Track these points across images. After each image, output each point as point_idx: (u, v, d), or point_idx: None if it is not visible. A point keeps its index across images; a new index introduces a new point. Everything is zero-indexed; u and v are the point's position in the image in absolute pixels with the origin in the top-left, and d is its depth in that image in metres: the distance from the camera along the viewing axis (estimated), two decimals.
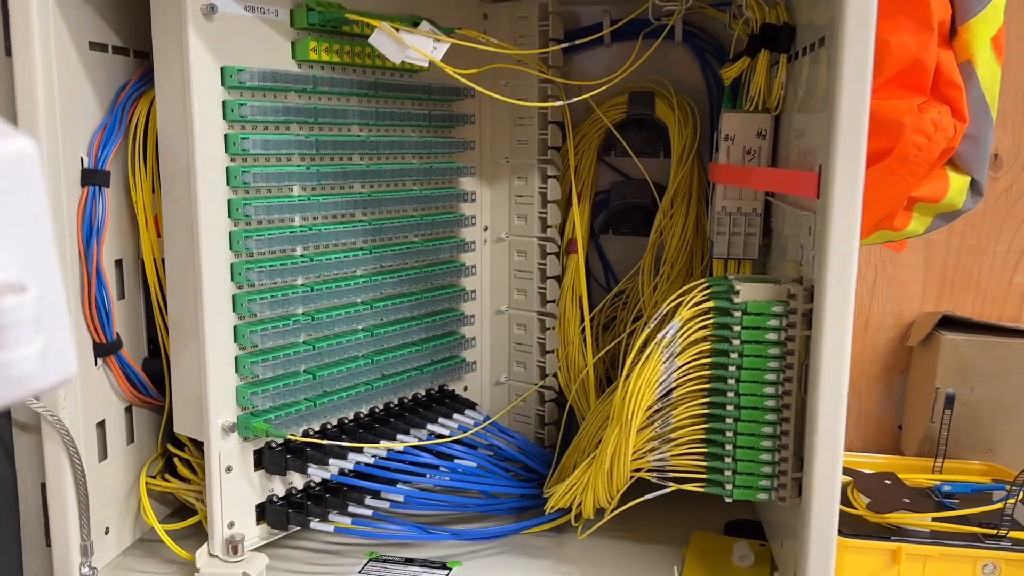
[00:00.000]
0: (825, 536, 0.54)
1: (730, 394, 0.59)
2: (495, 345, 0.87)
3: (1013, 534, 0.63)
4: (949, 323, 0.88)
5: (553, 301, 0.85)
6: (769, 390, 0.58)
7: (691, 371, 0.60)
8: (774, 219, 0.73)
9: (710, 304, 0.59)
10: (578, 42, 0.78)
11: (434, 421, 0.76)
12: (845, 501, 0.69)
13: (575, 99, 0.74)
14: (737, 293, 0.58)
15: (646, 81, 0.86)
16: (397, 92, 0.72)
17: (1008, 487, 0.64)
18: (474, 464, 0.75)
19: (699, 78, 0.87)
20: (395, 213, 0.75)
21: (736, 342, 0.58)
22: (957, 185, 0.69)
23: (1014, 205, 0.91)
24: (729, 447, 0.59)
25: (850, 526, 0.65)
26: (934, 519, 0.65)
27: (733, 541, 0.71)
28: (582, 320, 0.84)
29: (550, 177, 0.82)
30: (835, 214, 0.51)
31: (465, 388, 0.85)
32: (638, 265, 0.85)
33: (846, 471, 0.73)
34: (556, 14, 0.80)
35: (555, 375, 0.86)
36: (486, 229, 0.85)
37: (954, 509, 0.68)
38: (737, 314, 0.58)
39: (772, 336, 0.57)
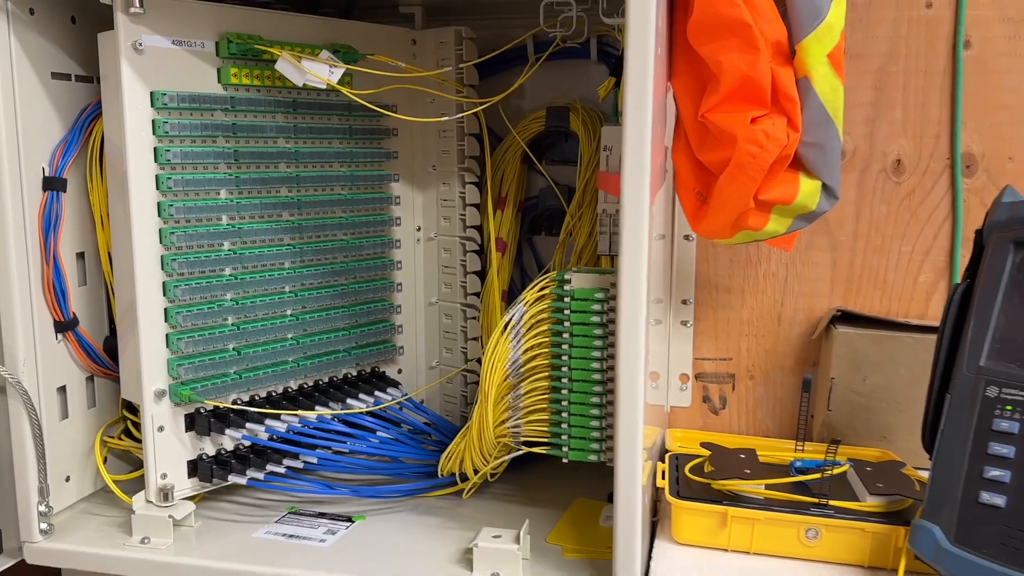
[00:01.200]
0: (629, 490, 0.62)
1: (564, 368, 0.68)
2: (428, 333, 0.98)
3: (835, 502, 0.70)
4: (848, 318, 0.94)
5: (475, 294, 0.95)
6: (595, 365, 0.67)
7: (534, 349, 0.69)
8: None
9: (548, 290, 0.68)
10: (472, 62, 0.88)
11: (355, 397, 0.87)
12: (699, 472, 0.77)
13: (466, 112, 0.84)
14: (568, 282, 0.67)
15: (561, 96, 0.95)
16: (318, 109, 0.84)
17: (824, 455, 0.71)
18: (389, 436, 0.85)
19: (612, 95, 0.96)
20: (322, 214, 0.86)
21: (567, 324, 0.67)
22: (807, 188, 0.75)
23: (917, 208, 0.96)
24: (565, 415, 0.68)
25: (692, 491, 0.73)
26: (767, 487, 0.72)
27: (605, 505, 0.79)
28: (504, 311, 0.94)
29: (469, 183, 0.93)
30: (626, 209, 0.60)
31: (399, 371, 0.96)
32: (550, 263, 0.94)
33: (709, 446, 0.81)
34: (469, 39, 0.90)
35: (478, 360, 0.95)
36: (419, 229, 0.96)
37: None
38: (567, 299, 0.67)
39: (596, 319, 0.66)
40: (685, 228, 0.97)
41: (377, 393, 0.88)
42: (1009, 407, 0.61)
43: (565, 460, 0.69)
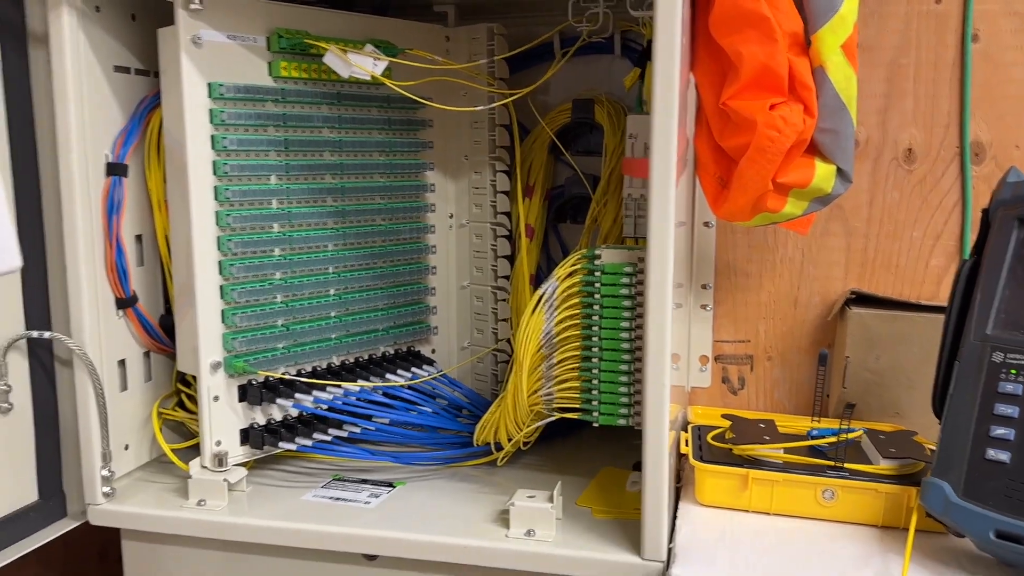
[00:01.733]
0: (657, 449, 0.67)
1: (595, 339, 0.73)
2: (460, 315, 1.03)
3: (850, 465, 0.75)
4: (862, 300, 0.99)
5: (505, 277, 1.00)
6: (624, 335, 0.72)
7: (566, 321, 0.74)
8: None
9: (579, 266, 0.73)
10: (503, 56, 0.93)
11: (393, 372, 0.92)
12: (721, 439, 0.81)
13: (498, 103, 0.89)
14: (599, 257, 0.72)
15: (587, 90, 1.00)
16: (360, 101, 0.89)
17: (839, 423, 0.75)
18: (428, 409, 0.90)
19: (637, 86, 1.01)
20: (362, 200, 0.91)
21: (597, 296, 0.72)
22: (823, 172, 0.80)
23: (928, 195, 1.00)
24: (596, 382, 0.73)
25: (714, 456, 0.77)
26: (785, 451, 0.77)
27: (632, 472, 0.84)
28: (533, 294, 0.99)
29: (499, 171, 0.98)
30: (653, 188, 0.65)
31: (433, 351, 1.01)
32: (576, 248, 0.99)
33: (731, 418, 0.85)
34: (501, 35, 0.95)
35: (508, 340, 1.00)
36: (451, 216, 1.01)
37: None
38: (598, 273, 0.71)
39: (624, 291, 0.71)
40: (705, 215, 1.02)
41: (414, 369, 0.93)
42: (1014, 371, 0.66)
43: (596, 424, 0.74)
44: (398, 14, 0.95)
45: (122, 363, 0.85)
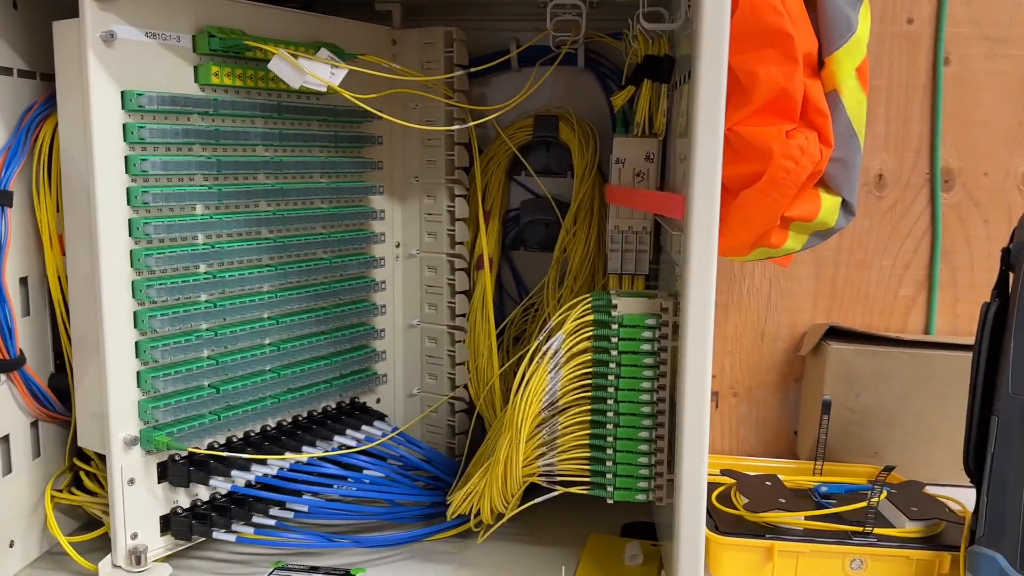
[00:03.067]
0: (693, 532, 0.58)
1: (610, 401, 0.62)
2: (408, 358, 0.90)
3: (878, 531, 0.68)
4: (837, 334, 0.93)
5: (463, 315, 0.88)
6: (645, 396, 0.62)
7: (574, 380, 0.63)
8: (663, 238, 0.77)
9: (591, 317, 0.62)
10: (473, 69, 0.82)
11: (342, 433, 0.78)
12: (727, 502, 0.73)
13: (475, 122, 0.77)
14: (615, 307, 0.61)
15: (551, 106, 0.90)
16: (302, 114, 0.75)
17: (872, 487, 0.69)
18: (380, 474, 0.77)
19: (603, 102, 0.92)
20: (302, 231, 0.77)
21: (614, 352, 0.62)
22: (829, 205, 0.73)
23: (898, 222, 0.96)
24: (610, 451, 0.63)
25: (728, 525, 0.69)
26: (807, 517, 0.69)
27: (627, 542, 0.74)
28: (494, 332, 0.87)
29: (458, 196, 0.86)
30: (694, 233, 0.55)
31: (378, 400, 0.88)
32: (544, 279, 0.88)
33: (732, 474, 0.77)
34: (461, 41, 0.83)
35: (465, 386, 0.89)
36: (398, 246, 0.88)
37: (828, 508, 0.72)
38: (614, 326, 0.61)
39: (646, 347, 0.61)
40: None
41: (364, 428, 0.80)
42: None
43: (610, 500, 0.64)
44: (327, 12, 0.81)
45: (5, 440, 0.67)
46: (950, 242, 0.96)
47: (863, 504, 0.68)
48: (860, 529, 0.68)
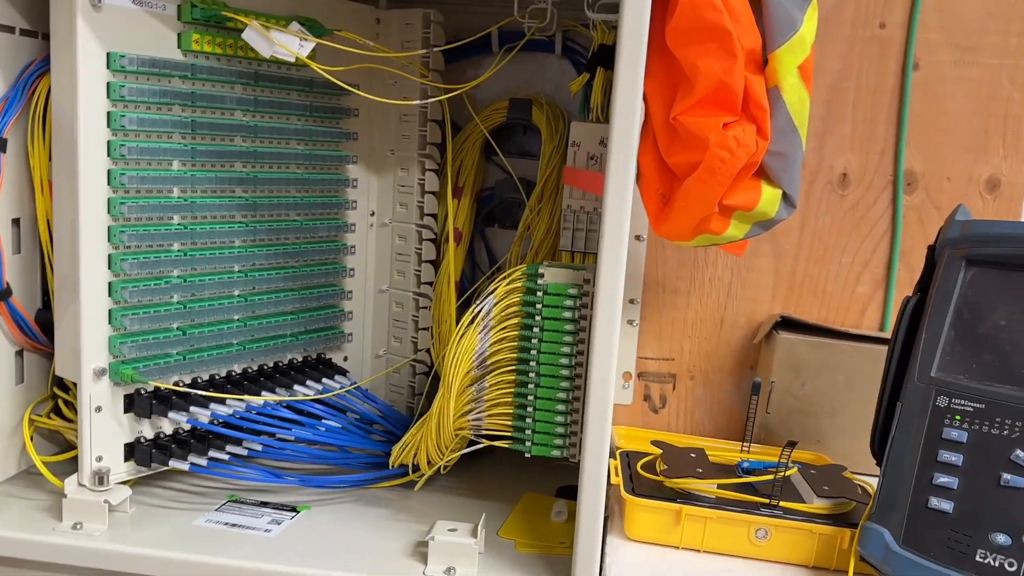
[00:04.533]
0: (594, 484, 0.62)
1: (532, 363, 0.67)
2: (377, 321, 0.96)
3: (785, 504, 0.72)
4: (788, 324, 0.97)
5: (429, 283, 0.93)
6: (564, 360, 0.67)
7: (502, 343, 0.68)
8: None
9: (520, 284, 0.67)
10: (444, 47, 0.87)
11: (303, 384, 0.84)
12: (651, 470, 0.77)
13: (441, 96, 0.82)
14: (542, 276, 0.66)
15: (527, 89, 0.95)
16: (279, 83, 0.81)
17: (778, 462, 0.73)
18: (337, 425, 0.83)
19: (582, 91, 0.96)
20: (276, 192, 0.83)
21: (538, 318, 0.66)
22: (768, 196, 0.77)
23: (859, 221, 0.99)
24: (530, 409, 0.68)
25: (645, 489, 0.73)
26: (719, 486, 0.73)
27: (555, 500, 0.79)
28: (457, 301, 0.93)
29: (428, 170, 0.91)
30: (608, 208, 0.60)
31: (345, 359, 0.93)
32: (506, 256, 0.93)
33: (660, 444, 0.82)
34: (438, 23, 0.88)
35: (427, 351, 0.94)
36: (372, 214, 0.94)
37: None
38: (540, 294, 0.66)
39: (567, 314, 0.66)
40: (637, 228, 0.98)
41: (325, 380, 0.86)
42: (958, 417, 0.64)
43: (528, 455, 0.69)
44: None
45: None
46: (910, 242, 0.99)
47: (770, 476, 0.72)
48: (767, 501, 0.72)
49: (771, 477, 0.72)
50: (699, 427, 1.05)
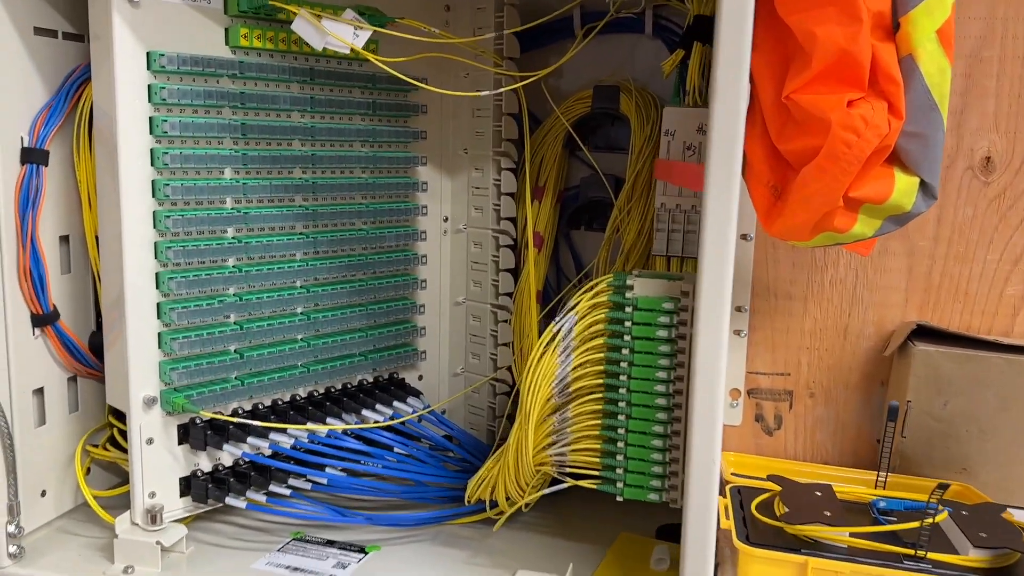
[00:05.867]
0: (700, 538, 0.52)
1: (622, 391, 0.58)
2: (453, 336, 0.88)
3: (933, 555, 0.60)
4: (926, 333, 0.84)
5: (508, 294, 0.84)
6: (660, 388, 0.56)
7: (586, 366, 0.59)
8: None
9: (605, 298, 0.58)
10: (518, 28, 0.78)
11: (371, 408, 0.77)
12: (768, 511, 0.66)
13: (510, 87, 0.73)
14: (630, 288, 0.56)
15: (614, 75, 0.85)
16: (338, 80, 0.73)
17: (927, 505, 0.60)
18: (405, 452, 0.75)
19: (676, 72, 0.86)
20: (340, 199, 0.76)
21: (628, 338, 0.57)
22: (903, 186, 0.65)
23: (1007, 212, 0.85)
24: (621, 445, 0.58)
25: (763, 536, 0.62)
26: (852, 534, 0.62)
27: (656, 544, 0.69)
28: (540, 313, 0.84)
29: (505, 169, 0.82)
30: (710, 207, 0.50)
31: (420, 377, 0.86)
32: (594, 260, 0.83)
33: (779, 480, 0.70)
34: (512, 5, 0.79)
35: (509, 368, 0.85)
36: (446, 220, 0.86)
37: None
38: (629, 309, 0.56)
39: (662, 333, 0.56)
40: (743, 226, 0.86)
41: (396, 404, 0.78)
42: None
43: (619, 498, 0.59)
44: None
45: (39, 392, 0.70)
46: None
47: (915, 524, 0.60)
48: (912, 552, 0.60)
49: (916, 524, 0.60)
50: (820, 451, 0.92)
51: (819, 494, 0.67)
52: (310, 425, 0.71)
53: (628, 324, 0.56)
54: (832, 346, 0.91)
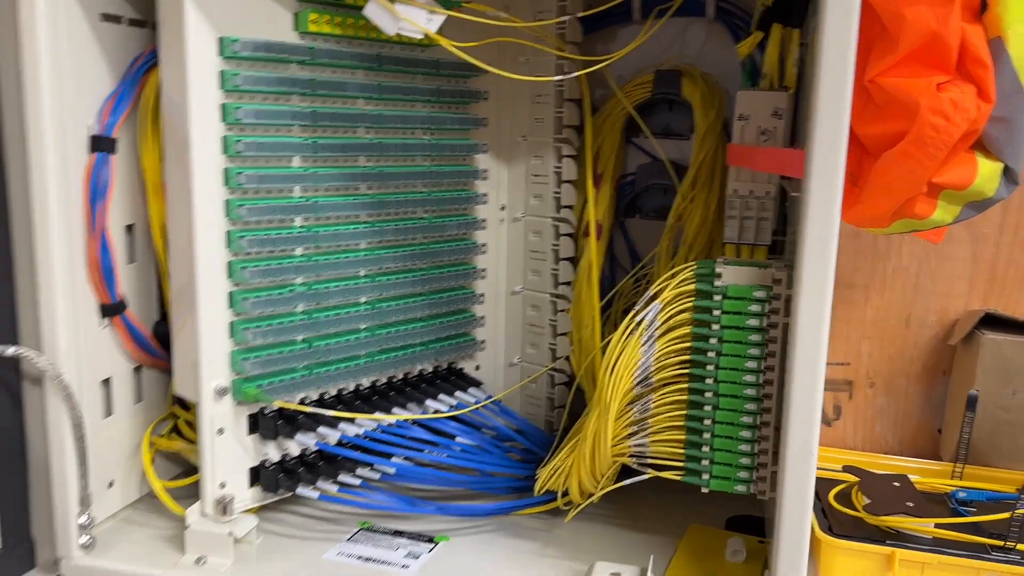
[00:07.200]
0: (795, 531, 0.51)
1: (708, 381, 0.57)
2: (510, 325, 0.87)
3: (1022, 546, 0.59)
4: (994, 322, 0.83)
5: (567, 283, 0.83)
6: (749, 378, 0.56)
7: (670, 355, 0.58)
8: (788, 206, 0.70)
9: (692, 287, 0.57)
10: (582, 14, 0.76)
11: (434, 397, 0.76)
12: (847, 502, 0.65)
13: (579, 72, 0.72)
14: (719, 276, 0.55)
15: (674, 60, 0.83)
16: (403, 66, 0.72)
17: (1019, 495, 0.59)
18: (471, 443, 0.74)
19: (735, 56, 0.84)
20: (402, 188, 0.75)
21: (716, 327, 0.56)
22: (987, 171, 0.64)
23: None
24: (707, 436, 0.57)
25: (845, 527, 0.62)
26: (937, 525, 0.61)
27: (730, 536, 0.68)
28: (599, 302, 0.83)
29: (565, 156, 0.81)
30: (812, 193, 0.48)
31: (477, 367, 0.85)
32: (655, 250, 0.82)
33: (855, 471, 0.69)
34: None
35: (567, 358, 0.84)
36: (503, 208, 0.85)
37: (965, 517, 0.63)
38: (718, 298, 0.55)
39: (753, 322, 0.55)
40: None
41: (458, 394, 0.77)
42: None
43: (705, 489, 0.58)
44: None
45: (106, 382, 0.69)
46: None
47: (1007, 515, 0.59)
48: (1001, 543, 0.59)
49: (1002, 516, 0.59)
50: (879, 442, 0.91)
51: (897, 485, 0.67)
52: (378, 415, 0.71)
53: (717, 313, 0.55)
54: (894, 335, 0.90)
